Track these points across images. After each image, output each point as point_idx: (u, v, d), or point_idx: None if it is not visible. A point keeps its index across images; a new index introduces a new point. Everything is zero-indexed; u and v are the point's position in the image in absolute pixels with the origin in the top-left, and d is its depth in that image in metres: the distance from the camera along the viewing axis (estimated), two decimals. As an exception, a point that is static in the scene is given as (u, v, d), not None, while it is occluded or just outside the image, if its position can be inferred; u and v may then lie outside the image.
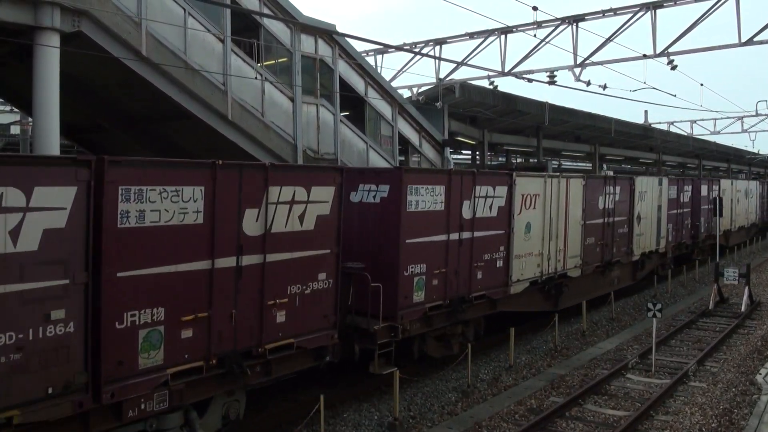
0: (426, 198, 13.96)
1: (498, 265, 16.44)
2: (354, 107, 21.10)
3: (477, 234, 15.51)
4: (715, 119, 52.13)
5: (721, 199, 26.87)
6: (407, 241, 13.51)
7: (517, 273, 17.16)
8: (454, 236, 14.82)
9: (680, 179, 30.46)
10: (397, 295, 13.31)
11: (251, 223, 10.16)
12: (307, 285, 11.13)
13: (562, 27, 24.22)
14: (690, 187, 31.31)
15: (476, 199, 15.43)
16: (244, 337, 10.14)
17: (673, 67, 24.05)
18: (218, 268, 9.65)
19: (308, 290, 11.15)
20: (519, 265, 17.20)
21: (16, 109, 25.33)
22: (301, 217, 10.94)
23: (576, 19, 23.99)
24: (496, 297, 16.42)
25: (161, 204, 8.84)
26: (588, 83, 24.60)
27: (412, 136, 22.75)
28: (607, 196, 22.08)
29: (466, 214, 15.20)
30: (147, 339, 8.78)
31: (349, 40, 19.77)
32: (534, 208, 17.90)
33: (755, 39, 21.33)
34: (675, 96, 29.57)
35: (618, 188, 22.84)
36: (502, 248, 16.53)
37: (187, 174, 9.24)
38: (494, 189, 16.11)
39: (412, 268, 13.70)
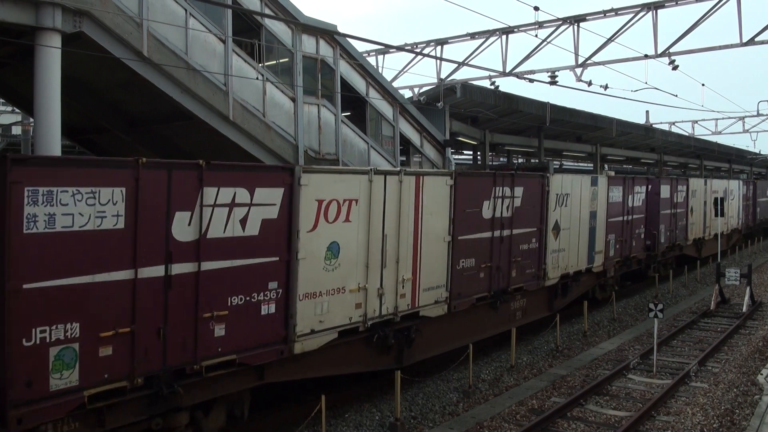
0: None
1: (265, 312, 10.68)
2: (355, 108, 21.10)
3: (208, 266, 9.76)
4: (717, 119, 52.23)
5: (722, 199, 26.84)
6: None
7: (308, 321, 11.35)
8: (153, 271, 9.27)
9: (629, 178, 24.99)
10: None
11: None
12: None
13: (563, 27, 24.22)
14: (644, 188, 26.16)
15: (206, 209, 9.80)
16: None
17: (675, 68, 24.04)
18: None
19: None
20: (312, 309, 11.41)
21: (17, 110, 25.34)
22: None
23: (577, 20, 23.99)
24: (260, 362, 10.69)
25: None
26: (589, 83, 24.60)
27: (414, 136, 22.74)
28: (500, 200, 16.31)
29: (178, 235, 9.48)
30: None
31: (350, 40, 19.77)
32: (347, 220, 12.10)
33: (756, 39, 21.32)
34: (676, 96, 29.56)
35: (520, 189, 17.11)
36: (274, 284, 10.79)
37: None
38: (251, 194, 10.35)
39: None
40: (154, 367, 9.01)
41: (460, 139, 28.13)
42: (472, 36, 27.03)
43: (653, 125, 51.08)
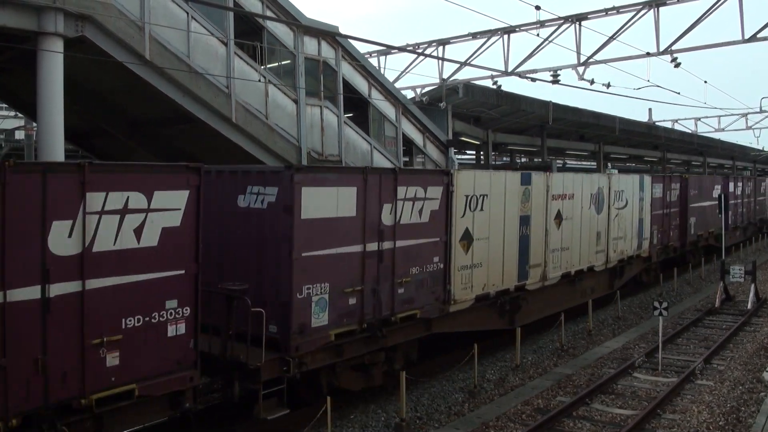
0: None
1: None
2: (358, 109, 21.12)
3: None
4: (720, 116, 52.18)
5: (726, 197, 26.81)
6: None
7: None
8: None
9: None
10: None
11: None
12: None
13: (565, 26, 24.23)
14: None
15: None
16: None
17: (677, 65, 24.03)
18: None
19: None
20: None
21: (20, 115, 25.41)
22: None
23: (579, 18, 23.99)
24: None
25: None
26: (591, 82, 24.62)
27: (416, 136, 22.75)
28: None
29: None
30: None
31: (352, 41, 19.80)
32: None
33: (758, 36, 21.31)
34: (679, 94, 29.55)
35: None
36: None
37: None
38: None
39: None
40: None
41: (463, 139, 28.16)
42: (474, 36, 27.05)
43: (656, 123, 51.09)
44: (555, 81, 24.63)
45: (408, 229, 13.31)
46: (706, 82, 36.15)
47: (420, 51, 28.31)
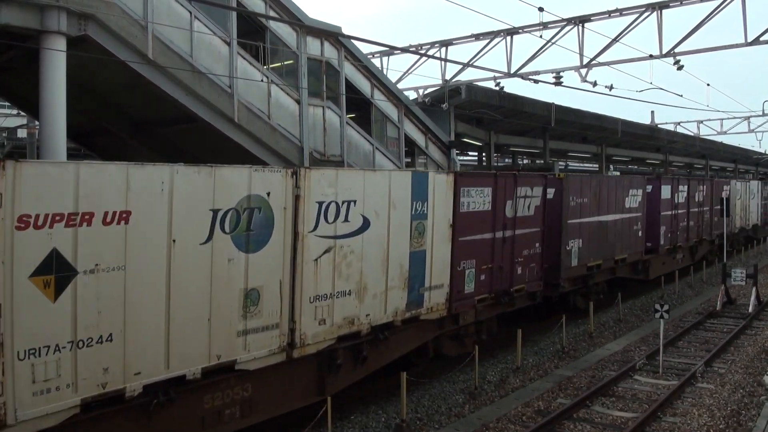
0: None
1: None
2: (360, 109, 21.10)
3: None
4: (722, 119, 52.10)
5: (728, 200, 26.78)
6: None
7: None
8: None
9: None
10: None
11: None
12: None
13: (568, 28, 24.20)
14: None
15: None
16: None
17: (680, 68, 23.98)
18: None
19: None
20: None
21: (22, 113, 25.43)
22: None
23: (582, 20, 23.96)
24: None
25: None
26: (594, 84, 24.58)
27: (419, 137, 22.74)
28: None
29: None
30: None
31: (354, 42, 19.78)
32: None
33: (761, 39, 21.27)
34: (681, 96, 29.48)
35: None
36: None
37: None
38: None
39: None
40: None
41: (465, 140, 28.13)
42: (477, 37, 27.03)
43: (658, 125, 51.02)
44: (558, 83, 24.60)
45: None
46: (708, 84, 36.10)
47: (422, 52, 28.30)
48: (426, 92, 26.68)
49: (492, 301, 16.01)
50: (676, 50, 22.86)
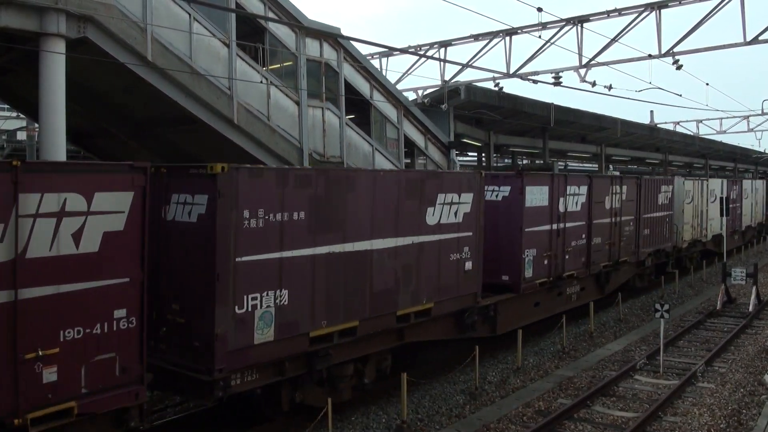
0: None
1: None
2: (359, 110, 21.12)
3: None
4: (721, 119, 52.06)
5: (728, 199, 26.79)
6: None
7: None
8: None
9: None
10: None
11: None
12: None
13: (566, 28, 24.20)
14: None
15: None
16: None
17: (679, 67, 23.99)
18: None
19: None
20: None
21: (22, 115, 25.44)
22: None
23: (581, 20, 23.96)
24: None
25: None
26: (593, 84, 24.58)
27: (418, 138, 22.75)
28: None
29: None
30: None
31: (353, 43, 19.80)
32: None
33: (760, 38, 21.27)
34: (680, 96, 29.49)
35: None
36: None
37: None
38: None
39: None
40: None
41: (464, 140, 28.15)
42: (476, 38, 27.01)
43: (658, 125, 51.03)
44: (557, 83, 24.60)
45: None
46: (707, 84, 36.10)
47: (422, 53, 28.31)
48: (425, 93, 26.69)
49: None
50: (675, 50, 22.86)
